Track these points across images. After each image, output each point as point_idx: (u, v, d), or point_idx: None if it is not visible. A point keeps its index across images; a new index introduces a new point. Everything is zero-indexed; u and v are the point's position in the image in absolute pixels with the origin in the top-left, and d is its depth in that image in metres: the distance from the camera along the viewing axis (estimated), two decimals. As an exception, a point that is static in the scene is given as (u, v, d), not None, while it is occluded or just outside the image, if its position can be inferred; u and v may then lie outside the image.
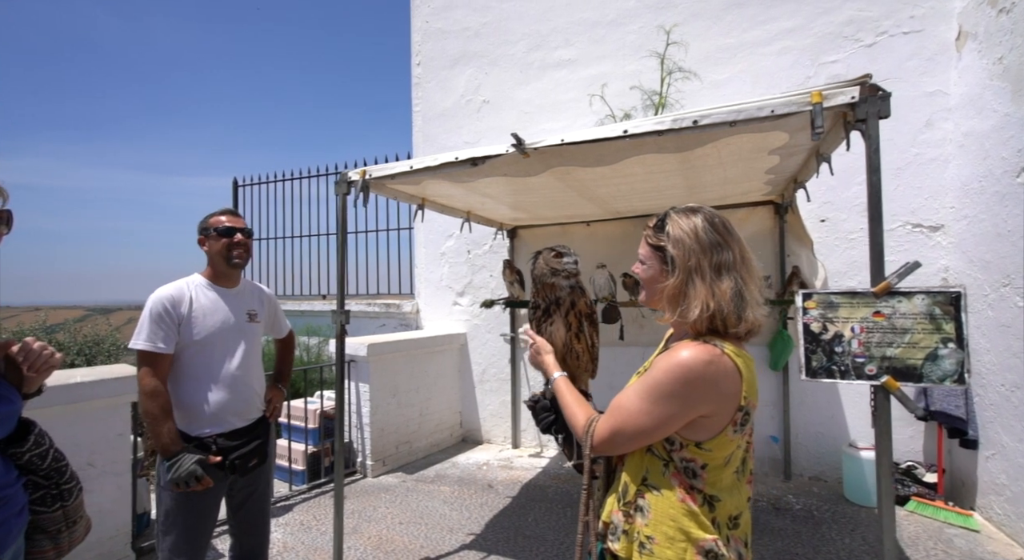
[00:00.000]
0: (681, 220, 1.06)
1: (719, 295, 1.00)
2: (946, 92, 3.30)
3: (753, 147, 2.10)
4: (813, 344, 1.59)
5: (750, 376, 1.00)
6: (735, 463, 1.04)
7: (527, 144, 2.04)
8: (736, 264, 1.03)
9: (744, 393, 0.98)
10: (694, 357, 0.96)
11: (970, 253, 3.05)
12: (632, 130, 1.86)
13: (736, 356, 0.98)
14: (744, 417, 1.00)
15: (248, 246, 1.89)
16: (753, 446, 1.15)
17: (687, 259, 1.03)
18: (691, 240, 1.03)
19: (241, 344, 1.82)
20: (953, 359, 1.44)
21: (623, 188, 2.72)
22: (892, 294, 1.51)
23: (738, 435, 1.00)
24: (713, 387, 0.96)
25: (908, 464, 3.21)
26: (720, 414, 0.98)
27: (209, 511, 1.75)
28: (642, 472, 1.05)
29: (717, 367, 0.96)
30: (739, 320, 1.00)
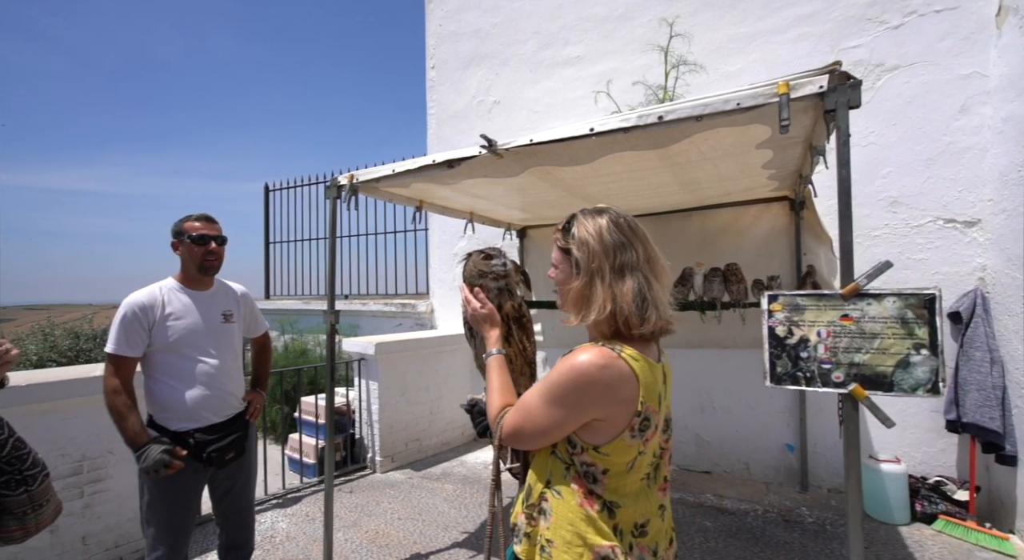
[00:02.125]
0: (587, 222, 1.04)
1: (620, 296, 0.98)
2: (984, 74, 3.01)
3: (735, 142, 2.00)
4: (778, 349, 1.50)
5: (650, 380, 0.97)
6: (641, 469, 1.01)
7: (498, 145, 2.04)
8: (639, 264, 1.00)
9: (641, 398, 0.95)
10: (588, 361, 0.94)
11: (1009, 250, 2.77)
12: (598, 128, 1.82)
13: (634, 360, 0.95)
14: (643, 423, 0.97)
15: (221, 254, 1.93)
16: (670, 453, 1.11)
17: (590, 261, 1.01)
18: (595, 242, 1.01)
19: (216, 344, 1.89)
20: (926, 367, 1.32)
21: (613, 187, 2.66)
22: (861, 296, 1.40)
23: (637, 441, 0.97)
24: (607, 391, 0.93)
25: (936, 479, 2.96)
26: (615, 419, 0.95)
27: (188, 502, 1.84)
28: (547, 474, 1.03)
29: (611, 371, 0.93)
30: (642, 321, 0.97)
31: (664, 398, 1.04)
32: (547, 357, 4.44)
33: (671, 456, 1.13)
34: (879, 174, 3.27)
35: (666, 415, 1.09)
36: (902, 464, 2.96)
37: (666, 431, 1.09)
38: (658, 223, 3.88)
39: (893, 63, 3.24)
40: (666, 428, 1.09)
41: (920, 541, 2.72)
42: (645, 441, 0.98)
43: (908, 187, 3.19)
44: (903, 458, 3.13)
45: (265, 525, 3.08)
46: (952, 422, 2.92)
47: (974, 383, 2.80)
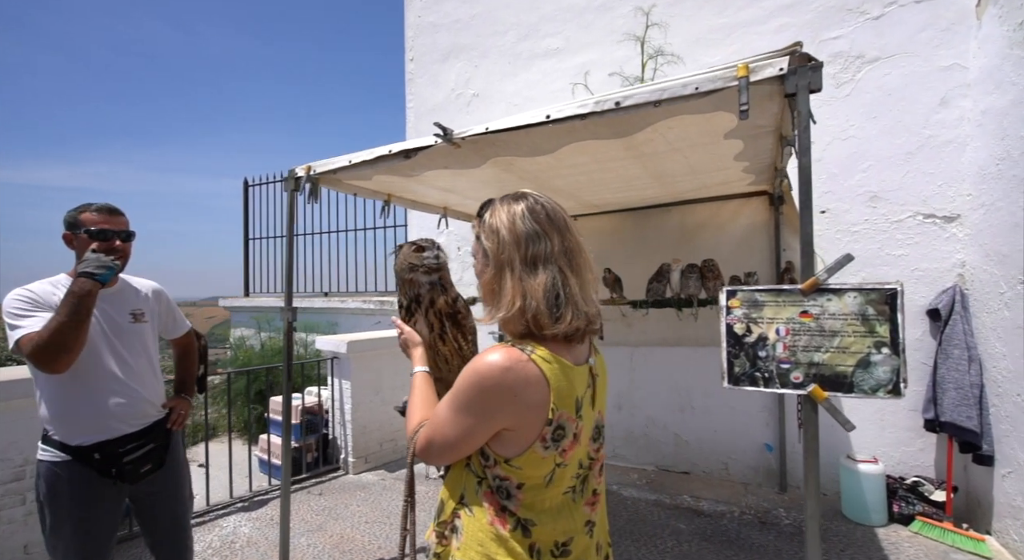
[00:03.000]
0: (502, 209, 0.95)
1: (530, 291, 0.88)
2: (964, 66, 2.94)
3: (701, 131, 1.91)
4: (736, 347, 1.42)
5: (564, 385, 0.87)
6: (562, 482, 0.92)
7: (454, 134, 1.95)
8: (555, 256, 0.91)
9: (552, 404, 0.85)
10: (490, 363, 0.85)
11: (987, 246, 2.71)
12: (555, 115, 1.73)
13: (544, 362, 0.86)
14: (557, 432, 0.87)
15: (127, 252, 1.70)
16: (601, 463, 1.02)
17: (499, 252, 0.92)
18: (506, 230, 0.92)
19: (126, 346, 1.68)
20: (887, 366, 1.24)
21: (582, 179, 2.57)
22: (821, 291, 1.32)
23: (552, 452, 0.87)
24: (511, 397, 0.84)
25: (914, 480, 2.90)
26: (524, 428, 0.86)
27: (100, 526, 1.60)
28: (460, 489, 0.94)
29: (516, 375, 0.84)
30: (555, 320, 0.88)
31: (589, 404, 0.95)
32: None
33: (603, 466, 1.04)
34: (859, 168, 3.20)
35: (597, 422, 1.00)
36: (879, 464, 2.90)
37: (596, 440, 1.00)
38: (637, 218, 3.80)
39: (873, 55, 3.17)
40: (596, 437, 1.00)
41: (896, 543, 2.66)
42: (562, 452, 0.89)
43: (888, 181, 3.13)
44: (881, 458, 3.07)
45: (227, 530, 2.98)
46: (930, 421, 2.86)
47: (952, 381, 2.75)
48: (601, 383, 1.02)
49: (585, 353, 0.98)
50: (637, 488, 3.47)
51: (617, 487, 3.49)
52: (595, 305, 0.96)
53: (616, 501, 3.27)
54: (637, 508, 3.16)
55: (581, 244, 0.97)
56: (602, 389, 1.03)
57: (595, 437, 0.99)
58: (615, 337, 3.87)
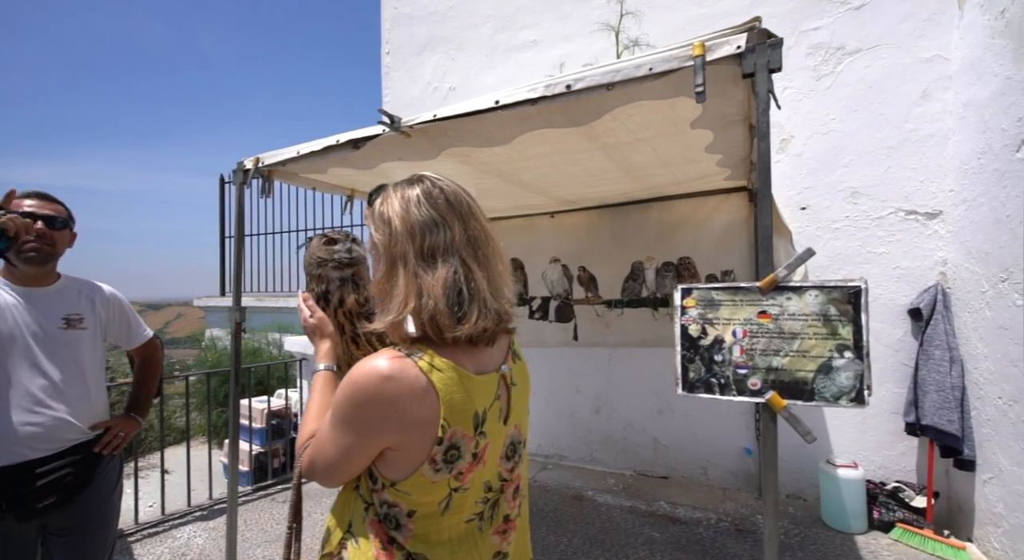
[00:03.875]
0: (395, 194, 0.83)
1: (427, 288, 0.76)
2: (946, 57, 2.85)
3: (664, 119, 1.80)
4: (691, 351, 1.30)
5: (460, 398, 0.75)
6: (463, 509, 0.80)
7: (402, 121, 1.83)
8: (456, 247, 0.79)
9: (443, 420, 0.73)
10: (368, 371, 0.73)
11: (968, 243, 2.62)
12: (504, 100, 1.62)
13: (435, 371, 0.74)
14: (450, 453, 0.75)
15: (50, 238, 1.51)
16: (518, 485, 0.90)
17: (392, 244, 0.80)
18: (398, 219, 0.80)
19: (50, 355, 1.49)
20: (850, 372, 1.13)
21: (548, 172, 2.45)
22: (780, 290, 1.21)
23: (444, 475, 0.75)
24: (392, 411, 0.72)
25: (894, 485, 2.81)
26: (409, 447, 0.74)
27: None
28: (348, 515, 0.82)
29: (399, 385, 0.72)
30: (457, 320, 0.76)
31: (498, 419, 0.83)
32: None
33: (519, 489, 0.91)
34: (840, 163, 3.10)
35: (512, 439, 0.88)
36: (859, 469, 2.81)
37: (511, 458, 0.88)
38: (615, 215, 3.69)
39: (854, 46, 3.07)
40: (511, 455, 0.88)
41: (876, 552, 2.57)
42: (458, 475, 0.77)
43: (869, 177, 3.03)
44: (863, 462, 2.98)
45: (180, 541, 2.84)
46: (911, 424, 2.77)
47: (933, 383, 2.65)
48: (519, 393, 0.90)
49: (497, 358, 0.86)
50: (613, 494, 3.36)
51: (592, 493, 3.38)
52: (508, 301, 0.84)
53: (590, 508, 3.15)
54: (611, 515, 3.05)
55: (489, 232, 0.85)
56: (520, 400, 0.91)
57: (509, 455, 0.87)
58: (593, 338, 3.76)
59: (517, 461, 0.90)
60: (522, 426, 0.92)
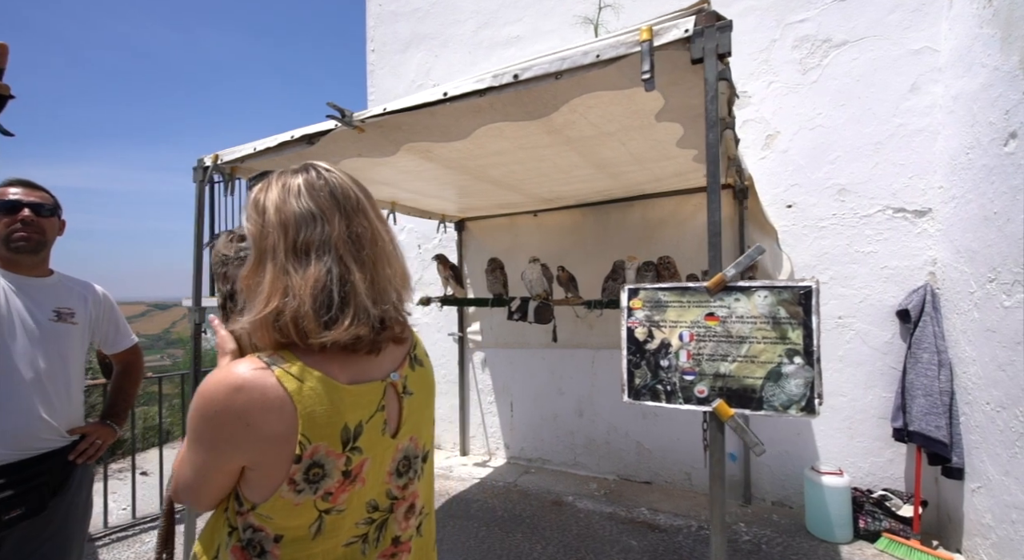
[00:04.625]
0: (276, 183, 0.76)
1: (294, 287, 0.69)
2: (935, 48, 2.75)
3: (626, 111, 1.72)
4: (637, 355, 1.23)
5: (324, 411, 0.68)
6: (340, 532, 0.72)
7: (352, 115, 1.75)
8: (335, 243, 0.72)
9: (302, 435, 0.66)
10: (216, 382, 0.66)
11: (957, 242, 2.52)
12: (452, 92, 1.55)
13: (292, 380, 0.67)
14: (312, 471, 0.67)
15: (39, 226, 1.46)
16: (412, 502, 0.83)
17: (263, 235, 0.72)
18: (273, 209, 0.72)
19: (39, 346, 1.42)
20: (800, 379, 1.05)
21: (516, 169, 2.38)
22: (729, 290, 1.12)
23: (308, 496, 0.68)
24: (242, 426, 0.65)
25: (881, 494, 2.70)
26: (264, 465, 0.67)
27: None
28: (217, 540, 0.75)
29: (249, 397, 0.65)
30: (325, 325, 0.68)
31: (380, 431, 0.75)
32: (486, 358, 4.16)
33: (416, 507, 0.84)
34: (826, 159, 3.01)
35: (406, 453, 0.81)
36: (845, 477, 2.71)
37: (404, 475, 0.80)
38: (598, 214, 3.61)
39: (841, 38, 2.97)
40: (404, 470, 0.80)
41: (860, 562, 2.47)
42: (326, 496, 0.69)
43: (857, 173, 2.93)
44: (850, 469, 2.88)
45: (148, 545, 2.78)
46: (899, 430, 2.66)
47: (921, 388, 2.55)
48: (417, 403, 0.83)
49: (384, 367, 0.78)
50: (593, 499, 3.28)
51: (573, 498, 3.29)
52: (395, 306, 0.77)
53: (569, 514, 3.07)
54: (589, 522, 2.96)
55: (381, 232, 0.78)
56: (418, 410, 0.83)
57: (401, 471, 0.80)
58: (575, 339, 3.68)
59: (413, 477, 0.82)
60: (422, 438, 0.85)
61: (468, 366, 4.25)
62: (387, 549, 0.78)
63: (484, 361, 4.18)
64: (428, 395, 0.87)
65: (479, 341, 4.16)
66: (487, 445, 4.18)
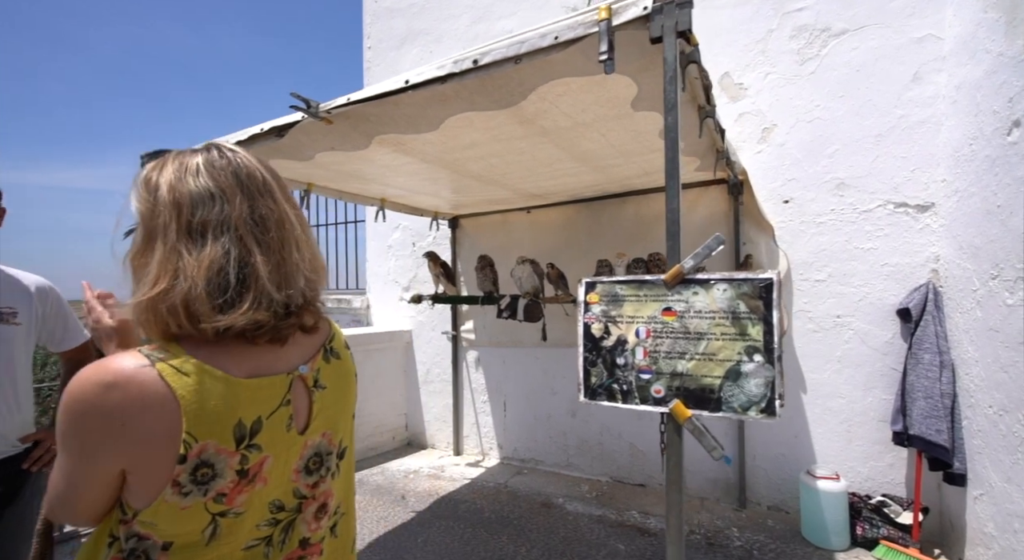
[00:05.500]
0: (172, 162, 0.71)
1: (186, 268, 0.64)
2: (939, 36, 2.63)
3: (598, 99, 1.65)
4: (593, 353, 1.16)
5: (210, 406, 0.63)
6: (238, 535, 0.67)
7: (318, 106, 1.71)
8: (235, 224, 0.67)
9: (187, 433, 0.61)
10: (86, 379, 0.61)
11: (960, 238, 2.40)
12: (414, 79, 1.50)
13: (176, 375, 0.62)
14: (201, 472, 0.62)
15: None
16: (324, 501, 0.78)
17: (153, 214, 0.68)
18: (167, 188, 0.68)
19: None
20: (760, 379, 0.98)
21: (495, 163, 2.32)
22: (687, 283, 1.06)
23: (196, 499, 0.63)
24: (117, 427, 0.60)
25: (880, 499, 2.60)
26: (143, 468, 0.62)
27: None
28: (97, 554, 0.69)
29: (124, 394, 0.59)
30: (219, 308, 0.64)
31: (286, 427, 0.71)
32: (479, 357, 4.11)
33: (329, 507, 0.78)
34: (825, 153, 2.90)
35: (317, 449, 0.75)
36: (842, 481, 2.60)
37: (315, 472, 0.75)
38: (592, 210, 3.54)
39: (841, 27, 2.86)
40: (315, 467, 0.75)
41: (855, 571, 2.37)
42: (219, 497, 0.64)
43: (856, 167, 2.82)
44: (848, 473, 2.78)
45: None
46: (898, 434, 2.55)
47: (921, 390, 2.44)
48: (330, 397, 0.78)
49: (291, 359, 0.73)
50: (584, 502, 3.21)
51: (563, 500, 3.23)
52: (304, 293, 0.72)
53: (557, 516, 3.01)
54: (578, 525, 2.90)
55: (289, 215, 0.74)
56: (333, 405, 0.78)
57: (312, 469, 0.75)
58: (568, 338, 3.60)
59: (325, 475, 0.77)
60: (337, 434, 0.80)
61: (462, 365, 4.20)
62: (294, 552, 0.73)
63: (478, 360, 4.13)
64: (345, 389, 0.82)
65: (472, 340, 4.11)
66: (480, 445, 4.12)
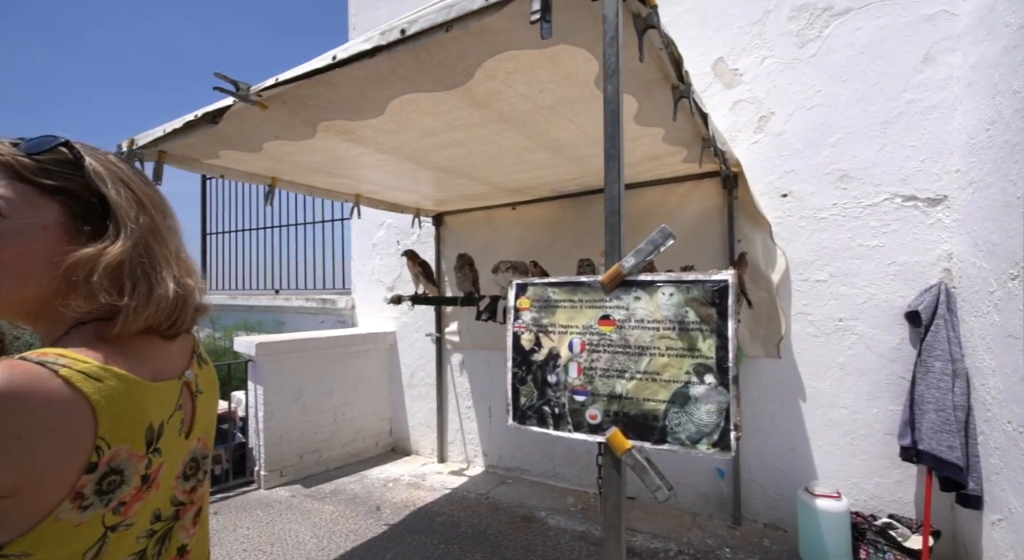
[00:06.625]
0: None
1: (83, 258, 0.60)
2: (953, 12, 2.39)
3: (557, 77, 1.47)
4: (523, 369, 0.98)
5: (124, 409, 0.57)
6: (121, 552, 0.59)
7: (248, 88, 1.55)
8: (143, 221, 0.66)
9: (101, 437, 0.54)
10: None
11: (975, 233, 2.17)
12: (341, 55, 1.32)
13: (86, 380, 0.54)
14: (108, 480, 0.55)
15: None
16: (200, 506, 0.74)
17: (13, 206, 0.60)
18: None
19: None
20: (712, 405, 0.79)
21: (458, 153, 2.14)
22: (628, 286, 0.87)
23: (96, 512, 0.54)
24: (9, 440, 0.49)
25: (885, 521, 2.37)
26: (35, 488, 0.51)
27: None
28: None
29: (24, 405, 0.50)
30: (139, 305, 0.62)
31: (178, 432, 0.67)
32: (464, 360, 3.94)
33: (202, 512, 0.74)
34: (826, 142, 2.67)
35: (194, 454, 0.72)
36: (843, 500, 2.38)
37: (191, 478, 0.71)
38: (578, 206, 3.35)
39: (844, 6, 2.63)
40: (192, 473, 0.71)
41: (857, 601, 2.15)
42: (119, 507, 0.56)
43: (861, 157, 2.60)
44: (852, 490, 2.56)
45: None
46: (907, 449, 2.33)
47: (932, 401, 2.22)
48: (206, 403, 0.76)
49: (178, 363, 0.70)
50: (568, 516, 3.02)
51: (546, 514, 3.04)
52: (193, 292, 0.70)
53: (537, 532, 2.82)
54: (558, 541, 2.71)
55: (175, 222, 0.73)
56: (207, 410, 0.76)
57: (188, 474, 0.71)
58: (553, 341, 3.42)
59: (198, 481, 0.73)
60: (209, 440, 0.77)
61: (446, 368, 4.03)
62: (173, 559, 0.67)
63: (462, 363, 3.96)
64: (214, 395, 0.80)
65: (457, 342, 3.94)
66: (465, 452, 3.95)
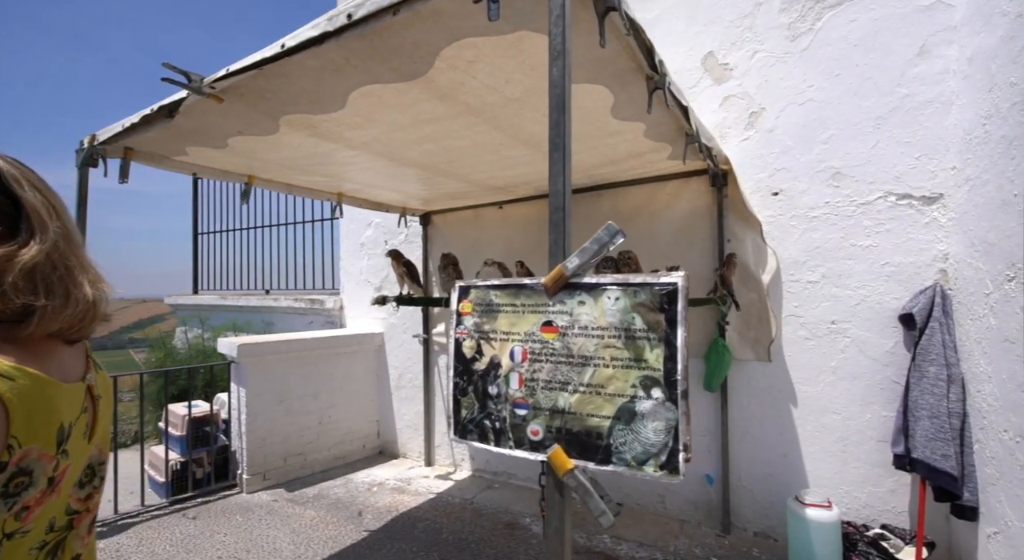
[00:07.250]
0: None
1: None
2: (949, 2, 2.31)
3: (520, 65, 1.39)
4: (464, 378, 0.90)
5: (40, 408, 0.58)
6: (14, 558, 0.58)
7: (200, 80, 1.47)
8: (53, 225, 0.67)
9: (13, 436, 0.55)
10: None
11: (972, 233, 2.08)
12: (289, 42, 1.25)
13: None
14: (16, 481, 0.55)
15: None
16: (93, 514, 0.73)
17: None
18: None
19: None
20: (660, 422, 0.71)
21: (432, 148, 2.06)
22: (571, 289, 0.79)
23: None
24: None
25: (878, 531, 2.28)
26: None
27: None
28: None
29: None
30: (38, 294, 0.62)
31: (83, 436, 0.67)
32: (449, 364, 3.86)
33: (95, 520, 0.75)
34: (818, 139, 2.59)
35: (92, 460, 0.71)
36: (834, 510, 2.30)
37: (86, 485, 0.70)
38: (566, 205, 3.27)
39: (837, -3, 2.54)
40: (89, 479, 0.71)
41: (846, 615, 2.07)
42: (20, 512, 0.56)
43: (853, 154, 2.51)
44: (844, 498, 2.47)
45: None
46: (900, 457, 2.24)
47: (926, 408, 2.13)
48: (104, 409, 0.75)
49: (79, 367, 0.71)
50: (552, 522, 2.94)
51: (530, 520, 2.97)
52: (98, 290, 0.70)
53: (520, 539, 2.75)
54: (540, 550, 2.63)
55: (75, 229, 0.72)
56: (105, 416, 0.75)
57: (85, 481, 0.70)
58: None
59: (94, 489, 0.73)
60: (105, 446, 0.77)
61: (433, 370, 3.96)
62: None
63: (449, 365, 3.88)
64: (110, 400, 0.80)
65: (444, 343, 3.87)
66: (452, 456, 3.88)
